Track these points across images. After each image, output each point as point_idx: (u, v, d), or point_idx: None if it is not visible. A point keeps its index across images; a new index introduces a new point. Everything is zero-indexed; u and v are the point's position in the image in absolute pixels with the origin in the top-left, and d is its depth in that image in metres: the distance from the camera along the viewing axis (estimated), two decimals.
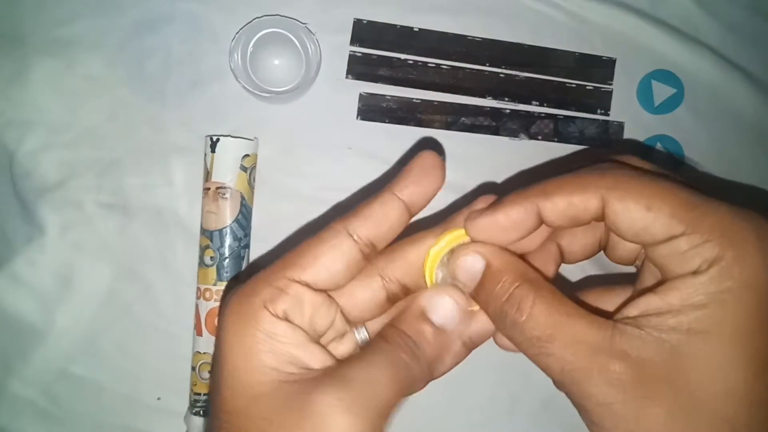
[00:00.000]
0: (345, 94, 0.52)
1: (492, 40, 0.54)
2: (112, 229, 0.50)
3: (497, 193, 0.27)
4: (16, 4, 0.49)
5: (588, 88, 0.55)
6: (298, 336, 0.25)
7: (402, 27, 0.53)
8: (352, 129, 0.52)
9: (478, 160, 0.53)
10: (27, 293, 0.48)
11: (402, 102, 0.53)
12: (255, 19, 0.49)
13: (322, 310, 0.26)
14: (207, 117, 0.51)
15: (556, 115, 0.54)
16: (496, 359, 0.52)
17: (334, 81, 0.52)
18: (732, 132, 0.56)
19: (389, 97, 0.53)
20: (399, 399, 0.24)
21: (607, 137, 0.55)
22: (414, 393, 0.28)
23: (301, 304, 0.25)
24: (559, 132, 0.54)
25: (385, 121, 0.53)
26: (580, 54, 0.55)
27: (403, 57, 0.53)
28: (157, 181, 0.50)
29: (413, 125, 0.53)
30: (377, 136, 0.52)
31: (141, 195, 0.50)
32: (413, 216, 0.27)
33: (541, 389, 0.52)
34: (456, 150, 0.53)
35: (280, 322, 0.24)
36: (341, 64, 0.52)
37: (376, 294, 0.28)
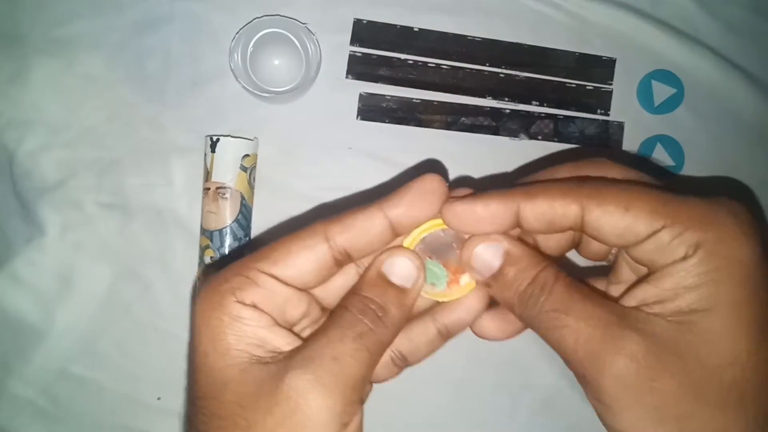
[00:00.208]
0: (345, 94, 0.52)
1: (492, 40, 0.54)
2: (112, 229, 0.50)
3: (474, 187, 0.27)
4: (16, 4, 0.49)
5: (588, 88, 0.55)
6: (264, 319, 0.25)
7: (402, 27, 0.53)
8: (352, 129, 0.52)
9: (478, 160, 0.53)
10: (27, 293, 0.48)
11: (402, 102, 0.53)
12: (255, 19, 0.49)
13: (293, 301, 0.26)
14: (207, 117, 0.51)
15: (556, 115, 0.54)
16: (496, 359, 0.52)
17: (334, 81, 0.52)
18: (732, 132, 0.56)
19: (389, 97, 0.53)
20: (369, 368, 0.24)
21: (607, 137, 0.55)
22: (389, 379, 0.29)
23: (271, 294, 0.25)
24: (559, 132, 0.54)
25: (385, 121, 0.53)
26: (580, 54, 0.55)
27: (403, 57, 0.53)
28: (157, 181, 0.50)
29: (413, 125, 0.53)
30: (377, 136, 0.52)
31: (141, 195, 0.50)
32: (399, 236, 0.27)
33: (541, 389, 0.52)
34: (456, 150, 0.53)
35: (245, 307, 0.24)
36: (341, 64, 0.52)
37: (350, 281, 0.28)
